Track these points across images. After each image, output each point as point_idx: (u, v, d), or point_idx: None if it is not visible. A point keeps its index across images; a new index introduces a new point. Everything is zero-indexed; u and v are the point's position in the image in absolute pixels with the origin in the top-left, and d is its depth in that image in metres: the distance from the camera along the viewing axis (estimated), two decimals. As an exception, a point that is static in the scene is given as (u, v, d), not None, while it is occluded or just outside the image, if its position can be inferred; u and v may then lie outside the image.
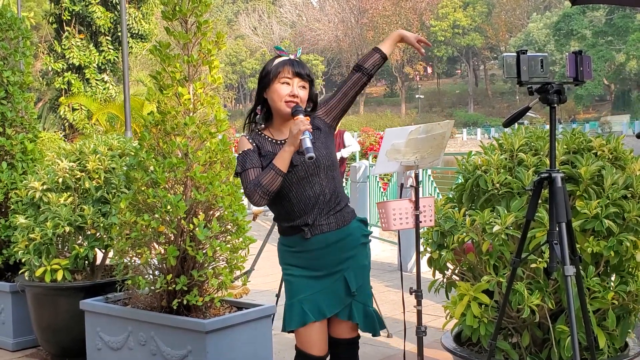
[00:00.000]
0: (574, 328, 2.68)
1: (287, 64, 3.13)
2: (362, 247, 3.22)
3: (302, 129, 2.95)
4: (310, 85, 3.19)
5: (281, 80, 3.12)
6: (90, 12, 21.47)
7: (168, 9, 4.14)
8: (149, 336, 4.20)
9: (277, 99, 3.12)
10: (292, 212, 3.13)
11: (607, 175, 3.22)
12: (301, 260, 3.18)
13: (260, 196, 3.03)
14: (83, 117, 21.12)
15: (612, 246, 3.12)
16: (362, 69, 3.20)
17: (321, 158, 3.09)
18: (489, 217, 3.25)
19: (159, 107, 4.12)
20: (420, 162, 3.32)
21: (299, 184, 3.10)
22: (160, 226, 4.03)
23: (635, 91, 65.93)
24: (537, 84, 2.86)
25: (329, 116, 3.22)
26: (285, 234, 3.22)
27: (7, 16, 5.81)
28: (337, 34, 77.47)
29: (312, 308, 3.13)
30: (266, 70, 3.18)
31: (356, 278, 3.17)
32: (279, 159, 3.02)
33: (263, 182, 3.02)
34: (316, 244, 3.12)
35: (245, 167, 3.10)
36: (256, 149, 3.14)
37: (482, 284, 3.29)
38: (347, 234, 3.16)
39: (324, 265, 3.15)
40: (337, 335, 3.24)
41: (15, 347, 5.41)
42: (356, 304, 3.18)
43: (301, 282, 3.16)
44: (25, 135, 5.76)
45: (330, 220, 3.13)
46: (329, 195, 3.14)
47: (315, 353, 3.16)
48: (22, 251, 4.95)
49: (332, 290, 3.15)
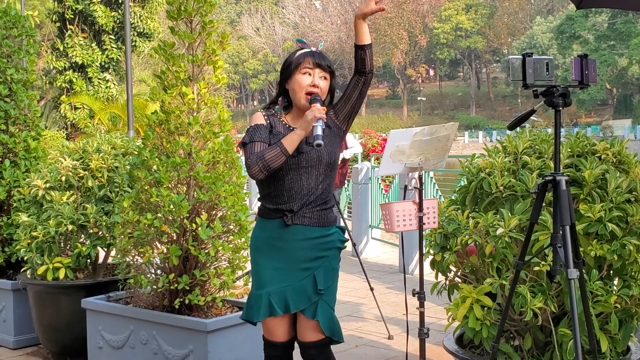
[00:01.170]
0: (576, 331, 2.68)
1: (308, 55, 3.20)
2: (336, 251, 3.27)
3: (317, 116, 3.00)
4: (331, 77, 3.24)
5: (302, 71, 3.18)
6: (92, 11, 21.48)
7: (173, 9, 4.15)
8: (151, 335, 4.20)
9: (297, 88, 3.18)
10: (280, 195, 3.17)
11: (610, 179, 3.22)
12: (274, 250, 3.19)
13: (260, 169, 3.07)
14: (85, 116, 21.12)
15: (616, 250, 3.12)
16: (355, 70, 3.24)
17: (324, 154, 3.15)
18: (492, 219, 3.24)
19: (163, 107, 4.12)
20: (424, 163, 3.32)
21: (297, 171, 3.14)
22: (163, 225, 4.04)
23: (638, 96, 65.90)
24: (542, 87, 2.87)
25: (338, 118, 3.27)
26: (265, 216, 3.24)
27: (11, 14, 5.82)
28: (340, 36, 77.48)
29: (279, 301, 3.16)
30: (288, 62, 3.23)
31: (325, 278, 3.19)
32: (288, 139, 3.07)
33: (266, 156, 3.06)
34: (294, 234, 3.16)
35: (254, 139, 3.15)
36: (268, 126, 3.20)
37: (484, 287, 3.29)
38: (326, 234, 3.21)
39: (296, 259, 3.17)
40: (306, 339, 3.23)
41: (16, 344, 5.41)
42: (322, 304, 3.19)
43: (270, 274, 3.19)
44: (28, 133, 5.76)
45: (314, 215, 3.17)
46: (320, 191, 3.18)
47: (280, 340, 3.26)
48: (24, 249, 4.96)
49: (301, 286, 3.17)
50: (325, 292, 3.18)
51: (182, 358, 4.05)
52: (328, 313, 3.20)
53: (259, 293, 3.20)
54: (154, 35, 22.51)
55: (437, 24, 77.11)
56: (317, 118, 2.99)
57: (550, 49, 64.41)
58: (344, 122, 3.28)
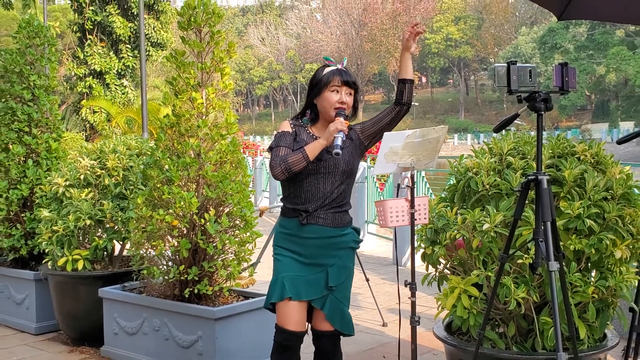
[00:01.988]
0: (556, 319, 2.67)
1: (336, 73, 3.20)
2: (350, 251, 3.27)
3: (339, 128, 3.05)
4: (355, 92, 3.25)
5: (331, 89, 3.18)
6: (110, 22, 21.47)
7: (184, 20, 4.14)
8: (162, 322, 4.20)
9: (327, 106, 3.19)
10: (299, 196, 3.18)
11: (589, 178, 3.21)
12: (293, 245, 3.20)
13: (282, 171, 3.10)
14: (103, 119, 21.12)
15: (593, 244, 3.10)
16: (396, 102, 3.25)
17: (342, 163, 3.18)
18: (479, 216, 3.23)
19: (174, 111, 4.11)
20: (416, 164, 3.30)
21: (315, 176, 3.16)
22: (174, 220, 4.03)
23: (614, 102, 65.81)
24: (525, 93, 2.85)
25: (363, 134, 3.29)
26: (286, 215, 3.25)
27: (34, 24, 5.81)
28: (339, 45, 77.31)
29: (292, 286, 3.15)
30: (317, 79, 3.23)
31: (338, 275, 3.19)
32: (310, 147, 3.11)
33: (289, 160, 3.09)
34: (309, 233, 3.16)
35: (279, 144, 3.19)
36: (293, 134, 3.22)
37: (472, 278, 3.28)
38: (340, 234, 3.21)
39: (312, 255, 3.18)
40: (319, 328, 3.24)
41: (37, 331, 5.41)
42: (332, 299, 3.19)
43: (288, 262, 3.20)
44: (49, 135, 5.75)
45: (328, 216, 3.17)
46: (336, 195, 3.19)
47: (291, 328, 3.15)
48: (45, 242, 4.95)
49: (315, 279, 3.18)
50: (336, 288, 3.18)
51: (191, 343, 4.05)
52: (338, 308, 3.20)
53: (275, 278, 3.21)
54: (167, 45, 22.49)
55: (429, 35, 76.95)
56: (338, 130, 3.04)
57: (533, 58, 64.29)
58: (368, 139, 3.30)
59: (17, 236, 5.57)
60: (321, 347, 3.26)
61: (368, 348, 4.90)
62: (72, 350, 4.94)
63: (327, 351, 3.26)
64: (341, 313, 3.21)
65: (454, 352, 3.38)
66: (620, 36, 61.64)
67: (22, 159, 5.68)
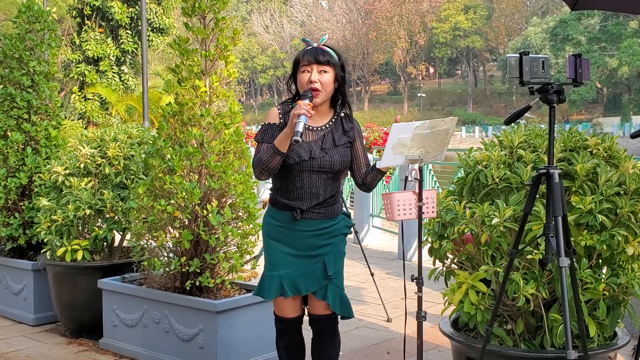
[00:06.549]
0: (566, 317, 2.68)
1: (306, 53, 3.17)
2: (342, 236, 3.33)
3: (297, 112, 2.94)
4: (335, 69, 3.17)
5: (302, 69, 3.18)
6: (108, 7, 21.43)
7: (188, 6, 4.13)
8: (163, 315, 4.21)
9: (300, 87, 3.19)
10: (291, 193, 3.19)
11: (601, 173, 3.20)
12: (285, 237, 3.23)
13: (260, 171, 3.10)
14: (96, 107, 21.05)
15: (605, 240, 3.10)
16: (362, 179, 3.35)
17: (337, 162, 3.20)
18: (488, 210, 3.23)
19: (177, 99, 4.11)
20: (424, 156, 3.29)
21: (309, 174, 3.17)
22: (176, 211, 4.04)
23: (626, 95, 65.62)
24: (538, 84, 2.85)
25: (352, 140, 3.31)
26: (277, 206, 3.26)
27: (34, 9, 5.81)
28: (345, 34, 77.17)
29: (290, 285, 3.22)
30: (294, 63, 3.24)
31: (334, 263, 3.24)
32: (278, 139, 3.05)
33: (263, 158, 3.07)
34: (303, 226, 3.20)
35: (263, 139, 3.17)
36: (282, 125, 3.18)
37: (480, 273, 3.28)
38: (332, 224, 3.26)
39: (305, 247, 3.22)
40: (316, 313, 3.32)
41: (35, 322, 5.43)
42: (332, 287, 3.25)
43: (282, 257, 3.23)
44: (49, 123, 5.76)
45: (321, 211, 3.22)
46: (329, 194, 3.24)
47: (289, 316, 3.32)
48: (44, 232, 4.97)
49: (312, 271, 3.22)
50: (334, 275, 3.24)
51: (192, 337, 4.06)
52: (337, 293, 3.27)
53: (271, 274, 3.24)
54: (169, 31, 22.44)
55: (437, 24, 76.73)
56: (297, 115, 2.94)
57: (543, 49, 64.03)
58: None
59: (15, 225, 5.59)
60: (320, 330, 3.33)
61: (372, 344, 4.92)
62: (71, 342, 4.97)
63: (326, 333, 3.34)
64: (341, 298, 3.28)
65: (460, 349, 3.39)
66: (634, 27, 61.39)
67: (21, 146, 5.69)
